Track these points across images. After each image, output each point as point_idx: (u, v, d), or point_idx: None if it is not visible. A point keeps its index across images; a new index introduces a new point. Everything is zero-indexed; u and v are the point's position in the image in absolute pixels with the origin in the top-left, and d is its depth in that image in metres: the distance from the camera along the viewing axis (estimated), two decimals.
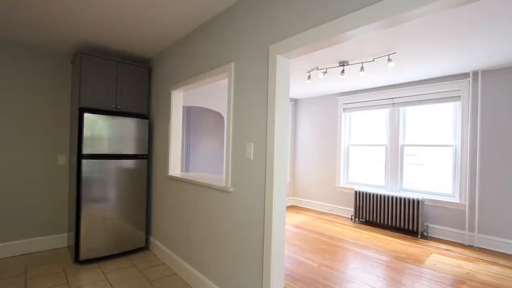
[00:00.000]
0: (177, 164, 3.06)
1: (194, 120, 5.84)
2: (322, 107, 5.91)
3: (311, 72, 4.11)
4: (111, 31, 2.78)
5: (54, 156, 3.38)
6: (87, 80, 2.99)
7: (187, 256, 2.68)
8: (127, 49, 3.26)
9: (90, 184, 2.95)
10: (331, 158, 5.73)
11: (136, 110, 3.37)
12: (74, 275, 2.72)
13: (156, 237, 3.32)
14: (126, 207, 3.21)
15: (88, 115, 2.90)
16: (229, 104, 2.15)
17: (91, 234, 2.97)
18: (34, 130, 3.24)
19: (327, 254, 3.44)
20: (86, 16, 2.47)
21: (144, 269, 2.89)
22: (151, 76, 3.55)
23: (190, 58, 2.74)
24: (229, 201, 2.14)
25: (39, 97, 3.27)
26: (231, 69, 2.13)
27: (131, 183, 3.24)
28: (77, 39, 2.99)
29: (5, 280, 2.59)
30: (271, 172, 1.76)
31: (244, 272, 1.98)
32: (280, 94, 1.78)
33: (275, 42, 1.79)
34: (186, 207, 2.73)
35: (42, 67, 3.28)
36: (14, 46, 3.10)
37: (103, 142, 3.02)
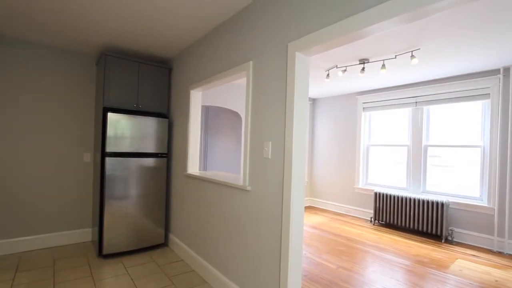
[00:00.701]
0: (196, 162, 3.10)
1: (211, 120, 5.91)
2: (340, 107, 5.80)
3: (329, 70, 4.04)
4: (133, 34, 2.87)
5: (80, 154, 3.53)
6: (111, 81, 3.10)
7: (205, 254, 2.71)
8: (148, 50, 3.35)
9: (113, 182, 3.05)
10: (349, 159, 5.61)
11: (156, 109, 3.46)
12: (97, 268, 2.83)
13: (174, 234, 3.39)
14: (146, 204, 3.30)
15: (111, 114, 3.01)
16: (247, 102, 2.16)
17: (113, 230, 3.08)
18: (61, 129, 3.40)
19: (345, 256, 3.37)
20: (110, 21, 2.57)
21: (163, 265, 2.96)
22: (170, 76, 3.63)
23: (209, 58, 2.78)
24: (247, 199, 2.14)
25: (67, 98, 3.43)
26: (249, 68, 2.13)
27: (151, 181, 3.33)
28: (102, 42, 3.11)
29: (36, 270, 2.74)
30: (289, 171, 1.75)
31: (261, 271, 1.98)
32: (299, 92, 1.76)
33: (294, 39, 1.77)
34: (204, 205, 2.77)
35: (70, 70, 3.44)
36: (44, 50, 3.27)
37: (125, 140, 3.12)
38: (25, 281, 2.52)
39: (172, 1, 2.22)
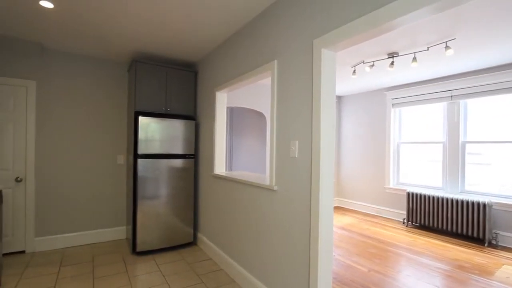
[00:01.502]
0: (222, 163, 3.15)
1: (236, 120, 5.98)
2: (368, 104, 5.60)
3: (356, 66, 3.91)
4: (161, 40, 2.98)
5: (114, 156, 3.73)
6: (141, 86, 3.25)
7: (232, 253, 2.74)
8: (175, 55, 3.47)
9: (144, 182, 3.19)
10: (379, 157, 5.40)
11: (183, 112, 3.57)
12: (132, 265, 2.97)
13: (203, 233, 3.47)
14: (175, 204, 3.41)
15: (142, 118, 3.15)
16: (272, 102, 2.15)
17: (145, 228, 3.21)
18: (97, 133, 3.62)
19: (376, 258, 3.24)
20: (140, 31, 2.69)
21: (192, 263, 3.04)
22: (196, 79, 3.73)
23: (233, 60, 2.81)
24: (274, 199, 2.14)
25: (102, 103, 3.64)
26: (274, 67, 2.12)
27: (180, 181, 3.43)
28: (133, 50, 3.27)
29: (77, 265, 2.94)
30: (317, 170, 1.71)
31: (290, 272, 1.96)
32: (326, 89, 1.72)
33: (320, 35, 1.74)
34: (230, 204, 2.80)
35: (105, 77, 3.65)
36: (82, 59, 3.50)
37: (155, 142, 3.25)
38: (69, 275, 2.71)
39: (197, 7, 2.28)
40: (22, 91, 3.13)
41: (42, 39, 3.05)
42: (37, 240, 3.27)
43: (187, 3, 2.24)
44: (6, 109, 3.05)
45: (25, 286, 2.48)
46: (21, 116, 3.13)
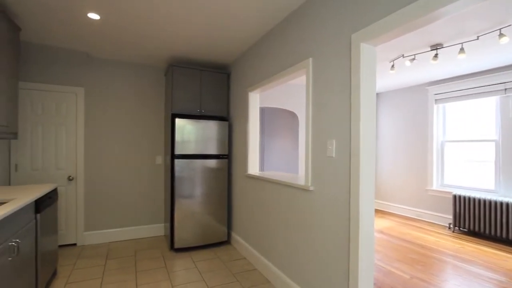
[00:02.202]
0: (256, 163, 3.16)
1: (268, 121, 5.97)
2: (408, 100, 5.28)
3: (395, 61, 3.71)
4: (195, 45, 3.07)
5: (153, 156, 3.93)
6: (177, 89, 3.38)
7: (267, 253, 2.74)
8: (209, 58, 3.55)
9: (181, 181, 3.31)
10: (420, 157, 5.06)
11: (217, 113, 3.65)
12: (170, 261, 3.09)
13: (236, 232, 3.51)
14: (210, 203, 3.49)
15: (179, 120, 3.27)
16: (307, 100, 2.11)
17: (182, 226, 3.33)
18: (138, 135, 3.83)
19: (419, 265, 3.04)
20: (177, 36, 2.80)
21: (227, 262, 3.08)
22: (229, 81, 3.79)
23: (266, 59, 2.81)
24: (310, 200, 2.09)
25: (141, 107, 3.85)
26: (309, 65, 2.08)
27: (214, 181, 3.51)
28: (170, 54, 3.41)
29: (121, 258, 3.13)
30: (357, 170, 1.64)
31: (328, 276, 1.91)
32: (366, 85, 1.64)
33: (358, 29, 1.67)
34: (264, 204, 2.80)
35: (144, 81, 3.86)
36: (124, 66, 3.74)
37: (191, 143, 3.36)
38: (114, 267, 2.90)
39: (230, 9, 2.31)
40: (72, 97, 3.41)
41: (89, 49, 3.30)
42: (86, 234, 3.55)
43: (221, 6, 2.28)
44: (60, 114, 3.35)
45: (77, 275, 2.70)
46: (72, 120, 3.41)
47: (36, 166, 3.24)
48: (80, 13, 2.40)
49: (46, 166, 3.28)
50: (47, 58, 3.27)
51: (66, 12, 2.40)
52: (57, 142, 3.34)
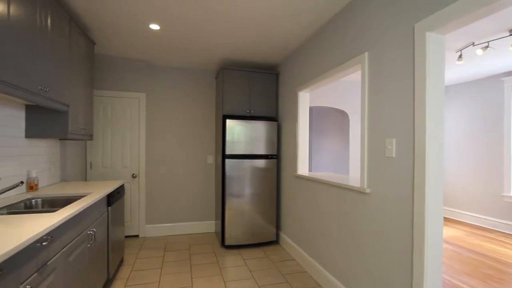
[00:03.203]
0: (305, 163, 3.11)
1: (315, 120, 5.83)
2: (478, 93, 4.67)
3: (463, 50, 3.31)
4: (244, 47, 3.14)
5: (205, 156, 4.13)
6: (228, 91, 3.50)
7: (318, 256, 2.66)
8: (258, 59, 3.61)
9: (231, 181, 3.41)
10: (494, 158, 4.43)
11: (266, 113, 3.68)
12: (221, 257, 3.21)
13: (285, 232, 3.49)
14: (259, 202, 3.53)
15: (229, 121, 3.38)
16: (363, 98, 2.00)
17: (232, 224, 3.43)
18: (191, 135, 4.06)
19: (494, 282, 2.66)
20: (227, 40, 2.89)
21: (276, 262, 3.08)
22: (278, 81, 3.79)
23: (316, 57, 2.74)
24: (365, 203, 1.98)
25: (194, 109, 4.07)
26: (365, 60, 1.97)
27: (263, 181, 3.54)
28: (220, 58, 3.55)
29: (177, 252, 3.35)
30: (422, 173, 1.50)
31: (387, 285, 1.78)
32: (433, 78, 1.49)
33: (423, 18, 1.52)
34: (315, 206, 2.73)
35: (196, 85, 4.08)
36: (179, 72, 4.00)
37: (240, 144, 3.44)
38: (171, 260, 3.11)
39: (280, 7, 2.31)
40: (136, 102, 3.76)
41: (149, 58, 3.61)
42: (147, 227, 3.87)
43: (271, 5, 2.29)
44: (125, 118, 3.72)
45: (140, 264, 2.96)
46: (135, 123, 3.76)
47: (106, 164, 3.64)
48: (143, 25, 2.64)
49: (114, 164, 3.67)
50: (115, 68, 3.66)
51: (131, 25, 2.65)
52: (123, 143, 3.71)
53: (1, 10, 1.43)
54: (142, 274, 2.74)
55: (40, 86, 1.81)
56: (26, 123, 2.18)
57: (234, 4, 2.26)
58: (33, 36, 1.74)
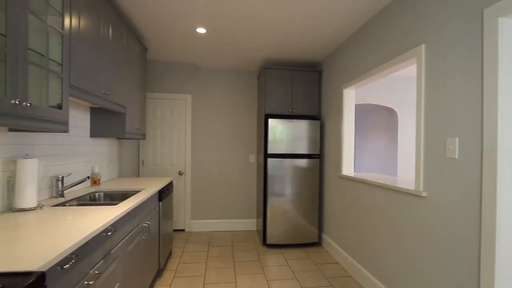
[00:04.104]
0: (350, 163, 2.98)
1: (359, 118, 5.57)
2: None
3: None
4: (287, 46, 3.12)
5: (246, 155, 4.19)
6: (270, 90, 3.51)
7: (364, 261, 2.54)
8: (300, 57, 3.55)
9: (273, 180, 3.42)
10: None
11: (308, 112, 3.61)
12: (263, 255, 3.23)
13: (328, 234, 3.39)
14: (300, 202, 3.48)
15: (271, 120, 3.39)
16: (419, 94, 1.85)
17: (274, 223, 3.43)
18: (233, 135, 4.16)
19: None
20: (268, 40, 2.90)
21: (319, 264, 3.01)
22: (321, 79, 3.70)
23: (364, 52, 2.61)
24: (421, 207, 1.83)
25: (236, 109, 4.16)
26: (421, 53, 1.82)
27: (305, 181, 3.48)
28: (263, 57, 3.58)
29: (220, 247, 3.45)
30: (493, 176, 1.34)
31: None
32: (505, 69, 1.32)
33: (494, 2, 1.35)
34: (361, 208, 2.60)
35: (239, 86, 4.16)
36: (223, 73, 4.12)
37: (282, 143, 3.42)
38: (215, 255, 3.22)
39: (323, 3, 2.24)
40: (182, 104, 3.96)
41: (195, 60, 3.77)
42: (192, 222, 4.06)
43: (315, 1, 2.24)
44: (173, 118, 3.94)
45: (187, 257, 3.12)
46: (182, 123, 3.97)
47: (155, 162, 3.90)
48: (190, 29, 2.76)
49: (162, 162, 3.92)
50: (164, 71, 3.89)
51: (180, 31, 2.80)
52: (171, 142, 3.94)
53: (74, 23, 1.61)
54: (189, 267, 2.88)
55: (104, 90, 2.00)
56: (91, 124, 2.43)
57: (284, 2, 2.25)
58: (97, 45, 1.93)
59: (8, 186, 1.51)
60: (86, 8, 1.76)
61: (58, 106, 1.48)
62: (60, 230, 1.18)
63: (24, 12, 1.19)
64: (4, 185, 1.49)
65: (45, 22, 1.35)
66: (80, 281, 1.14)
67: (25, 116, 1.21)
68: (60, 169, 2.00)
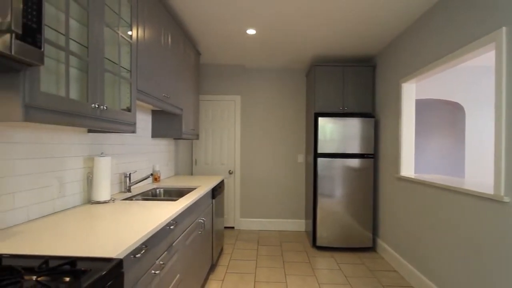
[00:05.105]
0: (410, 164, 2.74)
1: (417, 115, 5.10)
2: None
3: None
4: (337, 42, 3.00)
5: (295, 155, 4.14)
6: (320, 88, 3.42)
7: (429, 272, 2.30)
8: (351, 52, 3.39)
9: (323, 180, 3.31)
10: None
11: (360, 109, 3.42)
12: (313, 257, 3.15)
13: (384, 240, 3.17)
14: (352, 204, 3.32)
15: (321, 119, 3.29)
16: (498, 85, 1.61)
17: (324, 225, 3.33)
18: (281, 134, 4.14)
19: None
20: (318, 38, 2.82)
21: (374, 271, 2.83)
22: (374, 74, 3.47)
23: (426, 43, 2.37)
24: (502, 214, 1.59)
25: (284, 109, 4.14)
26: (502, 37, 1.58)
27: (357, 182, 3.31)
28: (312, 55, 3.50)
29: (269, 247, 3.46)
30: None
31: None
32: None
33: None
34: (425, 213, 2.37)
35: (286, 85, 4.14)
36: (270, 73, 4.14)
37: (333, 142, 3.30)
38: (265, 254, 3.24)
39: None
40: (232, 104, 4.08)
41: (244, 61, 3.85)
42: (241, 220, 4.15)
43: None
44: (223, 119, 4.08)
45: (237, 254, 3.19)
46: (231, 124, 4.08)
47: (207, 161, 4.08)
48: (240, 31, 2.82)
49: (213, 161, 4.08)
50: (214, 74, 4.05)
51: (230, 33, 2.88)
52: (221, 142, 4.08)
53: (140, 33, 1.76)
54: (239, 264, 2.94)
55: (164, 94, 2.15)
56: (152, 125, 2.64)
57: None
58: (159, 52, 2.08)
59: (87, 181, 1.72)
60: (150, 19, 1.91)
61: (128, 109, 1.63)
62: (131, 222, 1.30)
63: (101, 25, 1.34)
64: (84, 180, 1.69)
65: (117, 33, 1.50)
66: (148, 270, 1.24)
67: (102, 118, 1.36)
68: (127, 167, 2.20)
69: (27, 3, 0.79)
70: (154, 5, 1.98)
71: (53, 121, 1.03)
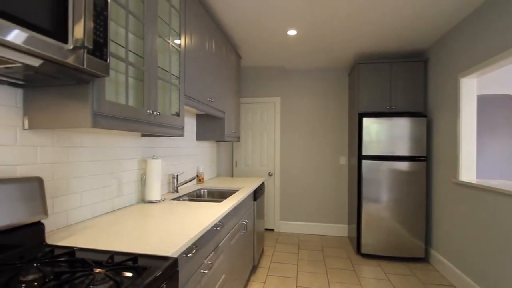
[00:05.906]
0: (471, 168, 2.47)
1: (478, 113, 4.59)
2: None
3: None
4: (382, 36, 2.82)
5: (337, 157, 4.00)
6: (364, 87, 3.25)
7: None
8: (398, 47, 3.17)
9: (369, 184, 3.14)
10: None
11: (410, 108, 3.18)
12: (357, 265, 3.00)
13: (438, 251, 2.90)
14: (401, 210, 3.09)
15: (366, 119, 3.13)
16: None
17: (369, 231, 3.15)
18: (322, 136, 4.03)
19: None
20: (362, 34, 2.68)
21: (427, 284, 2.60)
22: (426, 69, 3.21)
23: (490, 31, 2.12)
24: None
25: (326, 109, 4.02)
26: None
27: (407, 186, 3.08)
28: (355, 52, 3.35)
29: (311, 251, 3.38)
30: None
31: None
32: None
33: None
34: (489, 223, 2.11)
35: (327, 85, 4.02)
36: (310, 73, 4.06)
37: (379, 143, 3.12)
38: (305, 258, 3.17)
39: None
40: (271, 106, 4.08)
41: (284, 63, 3.83)
42: (281, 223, 4.12)
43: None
44: (263, 121, 4.10)
45: (278, 257, 3.17)
46: (271, 126, 4.08)
47: (247, 163, 4.13)
48: (281, 32, 2.81)
49: (253, 163, 4.11)
50: (254, 77, 4.09)
51: (271, 36, 2.88)
52: (261, 144, 4.10)
53: (188, 41, 1.85)
54: (280, 267, 2.92)
55: (208, 98, 2.23)
56: (196, 129, 2.74)
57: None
58: (203, 58, 2.16)
59: (141, 182, 1.84)
60: (196, 27, 1.99)
61: (176, 113, 1.71)
62: (181, 222, 1.36)
63: (155, 36, 1.43)
64: (138, 180, 1.82)
65: (168, 42, 1.58)
66: (198, 269, 1.28)
67: (156, 123, 1.44)
68: (174, 168, 2.32)
69: (97, 20, 0.87)
70: (200, 13, 2.06)
71: (115, 127, 1.12)
